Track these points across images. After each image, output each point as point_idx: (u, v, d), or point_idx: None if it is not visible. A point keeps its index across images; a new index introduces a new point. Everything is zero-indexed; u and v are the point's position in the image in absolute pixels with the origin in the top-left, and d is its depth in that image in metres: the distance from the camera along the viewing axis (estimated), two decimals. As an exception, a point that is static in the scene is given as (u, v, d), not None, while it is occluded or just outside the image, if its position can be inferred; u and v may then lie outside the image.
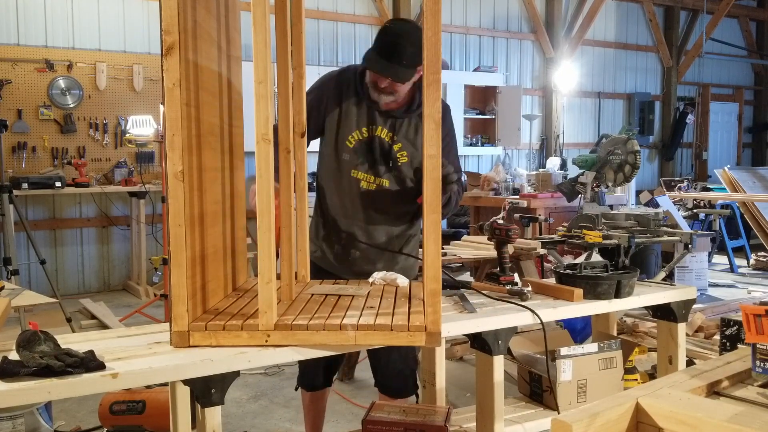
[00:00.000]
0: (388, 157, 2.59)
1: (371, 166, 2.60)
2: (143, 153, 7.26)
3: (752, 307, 1.51)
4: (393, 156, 2.59)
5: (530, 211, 6.42)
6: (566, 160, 8.40)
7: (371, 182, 2.61)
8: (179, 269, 1.76)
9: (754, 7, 12.98)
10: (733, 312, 4.82)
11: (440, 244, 1.86)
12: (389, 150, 2.59)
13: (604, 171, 4.70)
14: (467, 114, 9.50)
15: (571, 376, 2.50)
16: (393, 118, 2.57)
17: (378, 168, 2.59)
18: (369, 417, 2.23)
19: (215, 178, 2.07)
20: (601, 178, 4.72)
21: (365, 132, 2.59)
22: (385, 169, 2.60)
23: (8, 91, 6.64)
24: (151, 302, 6.13)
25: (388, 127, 2.58)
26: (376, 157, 2.59)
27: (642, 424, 1.39)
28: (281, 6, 2.24)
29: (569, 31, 10.47)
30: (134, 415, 2.92)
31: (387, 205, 2.63)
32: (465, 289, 2.44)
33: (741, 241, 8.40)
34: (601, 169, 4.70)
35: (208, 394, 1.74)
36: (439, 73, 1.80)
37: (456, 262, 4.87)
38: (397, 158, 2.59)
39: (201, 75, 1.94)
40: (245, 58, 2.29)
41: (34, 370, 1.61)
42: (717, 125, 12.71)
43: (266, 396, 4.00)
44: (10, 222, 4.87)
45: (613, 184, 4.77)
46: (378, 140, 2.58)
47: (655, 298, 2.54)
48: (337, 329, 1.85)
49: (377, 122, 2.58)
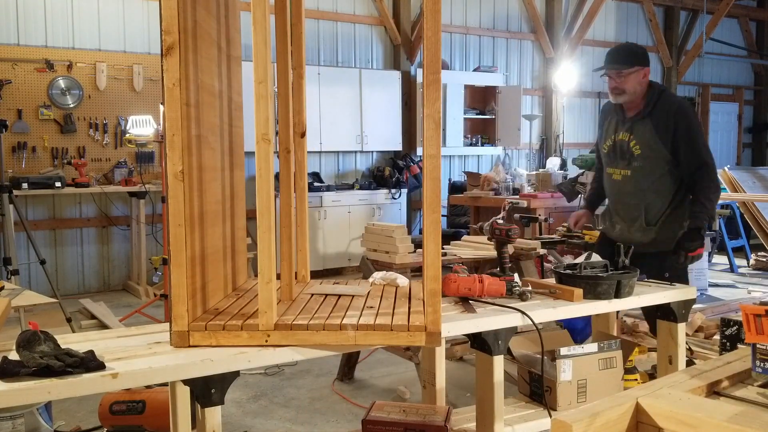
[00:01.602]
0: (627, 153, 3.31)
1: (617, 162, 3.38)
2: (143, 153, 7.26)
3: (752, 307, 1.51)
4: (629, 150, 3.30)
5: (530, 211, 6.42)
6: (566, 160, 8.40)
7: (618, 174, 3.38)
8: (179, 269, 1.76)
9: (754, 7, 12.97)
10: (733, 312, 4.82)
11: (440, 244, 1.86)
12: (628, 147, 3.31)
13: (604, 171, 4.69)
14: (467, 114, 9.50)
15: (571, 376, 2.50)
16: (629, 123, 3.31)
17: (620, 162, 3.35)
18: (369, 417, 2.23)
19: (215, 178, 2.07)
20: (601, 178, 4.71)
21: (612, 138, 3.38)
22: (626, 163, 3.32)
23: (8, 91, 6.63)
24: (151, 302, 6.13)
25: (625, 129, 3.33)
26: (617, 155, 3.37)
27: (642, 424, 1.39)
28: (281, 6, 2.24)
29: (569, 31, 10.47)
30: (134, 415, 2.91)
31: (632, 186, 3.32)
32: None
33: (741, 241, 8.40)
34: (601, 169, 4.69)
35: (208, 394, 1.74)
36: (439, 73, 1.80)
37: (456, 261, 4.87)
38: (633, 152, 3.29)
39: (201, 75, 1.94)
40: (245, 58, 2.29)
41: (34, 370, 1.61)
42: (717, 125, 12.71)
43: (266, 396, 4.00)
44: (10, 222, 4.87)
45: (613, 184, 4.76)
46: (620, 143, 3.34)
47: (655, 298, 2.54)
48: (337, 329, 1.85)
49: (619, 129, 3.36)
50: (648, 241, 3.26)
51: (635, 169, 3.32)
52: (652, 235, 3.30)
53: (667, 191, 3.31)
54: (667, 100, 3.29)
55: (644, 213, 3.32)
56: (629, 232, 3.37)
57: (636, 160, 3.31)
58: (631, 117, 3.33)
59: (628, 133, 3.33)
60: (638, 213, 3.33)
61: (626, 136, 3.33)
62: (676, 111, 3.24)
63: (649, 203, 3.32)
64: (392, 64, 9.10)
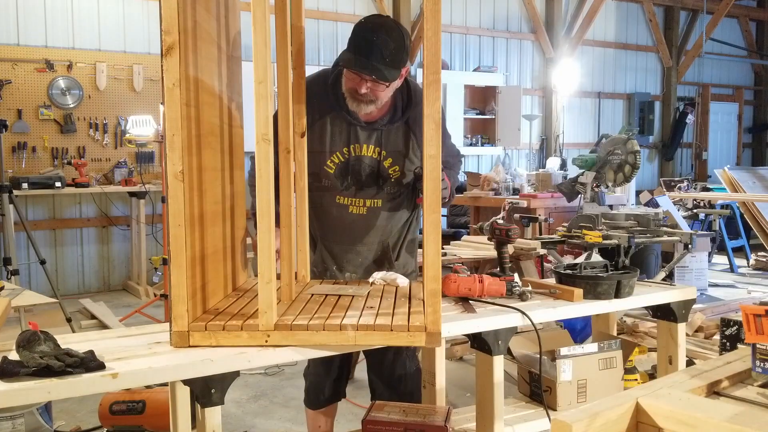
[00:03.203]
0: (378, 177, 2.34)
1: (359, 189, 2.36)
2: (143, 153, 7.26)
3: (752, 307, 1.51)
4: (383, 174, 2.34)
5: (530, 211, 6.42)
6: (566, 160, 8.39)
7: (361, 206, 2.38)
8: (179, 269, 1.76)
9: (754, 7, 12.97)
10: (733, 312, 4.82)
11: (440, 244, 1.86)
12: (378, 168, 2.33)
13: (604, 171, 4.70)
14: (467, 114, 9.50)
15: (571, 376, 2.51)
16: (378, 131, 2.30)
17: (367, 191, 2.36)
18: (369, 417, 2.23)
19: (215, 178, 2.07)
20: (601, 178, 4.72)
21: (346, 152, 2.33)
22: (376, 190, 2.36)
23: (8, 91, 6.63)
24: (151, 302, 6.13)
25: (373, 142, 2.31)
26: (363, 179, 2.34)
27: (642, 424, 1.39)
28: (281, 6, 2.24)
29: (569, 31, 10.47)
30: (134, 415, 2.92)
31: (382, 223, 2.43)
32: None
33: (741, 241, 8.40)
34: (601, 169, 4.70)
35: (208, 394, 1.74)
36: (439, 73, 1.80)
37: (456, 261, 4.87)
38: (388, 175, 2.34)
39: (201, 75, 1.94)
40: (245, 58, 2.29)
41: (34, 370, 1.61)
42: (717, 125, 12.71)
43: (266, 396, 4.00)
44: (10, 222, 4.87)
45: (613, 184, 4.77)
46: (364, 160, 2.32)
47: (655, 298, 2.54)
48: (337, 329, 1.85)
49: (360, 139, 2.31)
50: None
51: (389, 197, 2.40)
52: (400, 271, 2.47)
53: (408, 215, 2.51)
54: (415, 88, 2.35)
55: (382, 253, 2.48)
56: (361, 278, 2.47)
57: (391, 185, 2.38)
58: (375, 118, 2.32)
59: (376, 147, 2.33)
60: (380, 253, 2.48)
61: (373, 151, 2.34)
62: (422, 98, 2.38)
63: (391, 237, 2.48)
64: (392, 64, 9.08)
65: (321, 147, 2.32)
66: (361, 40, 2.14)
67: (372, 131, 2.33)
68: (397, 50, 2.13)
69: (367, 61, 2.13)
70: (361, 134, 2.33)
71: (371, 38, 2.12)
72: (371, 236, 2.45)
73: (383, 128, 2.33)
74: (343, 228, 2.44)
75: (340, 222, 2.43)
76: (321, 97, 2.32)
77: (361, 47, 2.14)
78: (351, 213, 2.40)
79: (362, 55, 2.13)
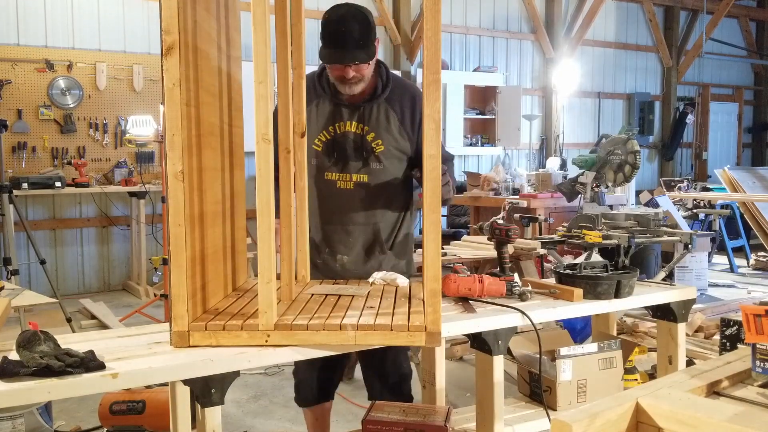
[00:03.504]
0: (362, 150, 2.47)
1: (345, 164, 2.49)
2: (143, 153, 7.26)
3: (752, 307, 1.51)
4: (367, 147, 2.47)
5: (530, 211, 6.42)
6: (566, 160, 8.39)
7: (348, 180, 2.50)
8: (179, 269, 1.76)
9: (754, 7, 12.97)
10: (733, 312, 4.82)
11: (440, 244, 1.86)
12: (362, 142, 2.47)
13: (604, 171, 4.70)
14: (467, 114, 9.50)
15: (571, 376, 2.50)
16: (359, 109, 2.47)
17: (352, 164, 2.49)
18: (369, 417, 2.23)
19: (215, 178, 2.07)
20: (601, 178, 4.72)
21: (331, 130, 2.49)
22: (362, 164, 2.49)
23: (8, 91, 6.63)
24: (151, 302, 6.13)
25: (356, 119, 2.47)
26: (348, 154, 2.48)
27: (642, 424, 1.39)
28: (281, 6, 2.24)
29: (569, 31, 10.47)
30: (134, 415, 2.92)
31: (369, 200, 2.51)
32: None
33: (741, 241, 8.40)
34: (601, 169, 4.70)
35: (208, 394, 1.74)
36: (438, 73, 1.80)
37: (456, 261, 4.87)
38: (372, 148, 2.48)
39: (201, 75, 1.94)
40: (245, 58, 2.29)
41: (34, 370, 1.61)
42: (717, 125, 12.71)
43: (266, 396, 4.00)
44: (10, 222, 4.87)
45: (613, 184, 4.77)
46: (349, 136, 2.47)
47: (655, 298, 2.54)
48: (337, 329, 1.85)
49: (344, 118, 2.48)
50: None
51: (374, 172, 2.51)
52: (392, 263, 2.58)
53: (401, 204, 2.59)
54: (397, 79, 2.56)
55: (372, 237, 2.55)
56: (356, 264, 2.56)
57: (376, 160, 2.51)
58: (357, 100, 2.48)
59: (359, 123, 2.49)
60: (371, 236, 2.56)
61: (356, 127, 2.49)
62: (414, 93, 2.53)
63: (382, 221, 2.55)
64: (392, 64, 9.09)
65: (309, 129, 2.46)
66: (333, 33, 2.33)
67: (354, 109, 2.49)
68: (365, 31, 2.32)
69: (345, 51, 2.32)
70: (344, 112, 2.50)
71: (341, 29, 2.31)
72: (360, 214, 2.53)
73: (364, 105, 2.49)
74: (333, 205, 2.53)
75: (330, 199, 2.53)
76: (309, 90, 2.48)
77: (335, 40, 2.33)
78: (339, 188, 2.51)
79: (338, 47, 2.33)
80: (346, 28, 2.29)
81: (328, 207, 2.54)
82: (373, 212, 2.54)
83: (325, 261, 2.59)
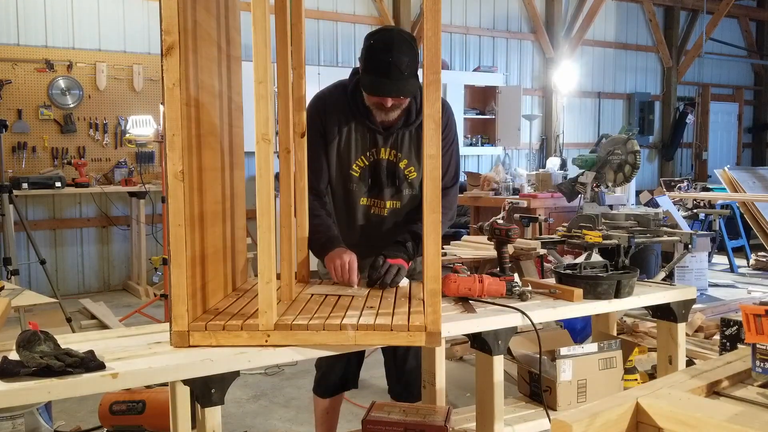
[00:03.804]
0: (395, 177, 2.46)
1: (380, 191, 2.49)
2: (143, 153, 7.26)
3: (752, 307, 1.51)
4: (400, 175, 2.46)
5: (530, 211, 6.42)
6: (566, 160, 8.39)
7: (382, 207, 2.50)
8: (179, 269, 1.76)
9: (754, 7, 12.98)
10: (733, 312, 4.82)
11: (440, 244, 1.86)
12: (395, 170, 2.46)
13: (604, 171, 4.71)
14: (467, 114, 9.50)
15: (571, 376, 2.50)
16: (393, 135, 2.43)
17: (386, 191, 2.48)
18: (369, 417, 2.23)
19: (215, 178, 2.07)
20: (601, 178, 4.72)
21: (368, 156, 2.46)
22: (395, 191, 2.48)
23: (8, 91, 6.63)
24: (151, 302, 6.13)
25: (390, 145, 2.44)
26: (382, 181, 2.47)
27: (642, 424, 1.39)
28: (281, 6, 2.24)
29: (569, 31, 10.47)
30: (134, 415, 2.91)
31: (402, 224, 2.50)
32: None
33: (741, 241, 8.40)
34: (601, 169, 4.70)
35: (208, 394, 1.74)
36: (439, 73, 1.80)
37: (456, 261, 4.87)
38: (405, 176, 2.47)
39: (201, 75, 1.94)
40: (245, 58, 2.29)
41: (34, 370, 1.61)
42: (717, 125, 12.71)
43: (266, 396, 4.00)
44: (10, 222, 4.87)
45: (613, 184, 4.78)
46: (382, 163, 2.45)
47: (655, 298, 2.54)
48: (336, 329, 1.85)
49: (379, 144, 2.44)
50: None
51: (407, 198, 2.51)
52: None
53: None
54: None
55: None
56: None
57: (408, 186, 2.50)
58: (392, 125, 2.42)
59: (392, 149, 2.45)
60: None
61: (390, 154, 2.46)
62: (446, 109, 2.44)
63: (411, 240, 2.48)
64: (392, 64, 9.08)
65: (347, 153, 2.45)
66: (378, 62, 2.22)
67: (388, 135, 2.44)
68: (411, 62, 2.23)
69: (389, 82, 2.22)
70: (378, 138, 2.45)
71: (387, 59, 2.20)
72: (390, 238, 2.48)
73: (398, 131, 2.44)
74: (364, 229, 2.53)
75: (362, 223, 2.53)
76: (341, 107, 2.43)
77: (379, 69, 2.22)
78: (373, 214, 2.52)
79: (382, 76, 2.22)
80: (393, 58, 2.19)
81: (358, 230, 2.54)
82: (403, 234, 2.48)
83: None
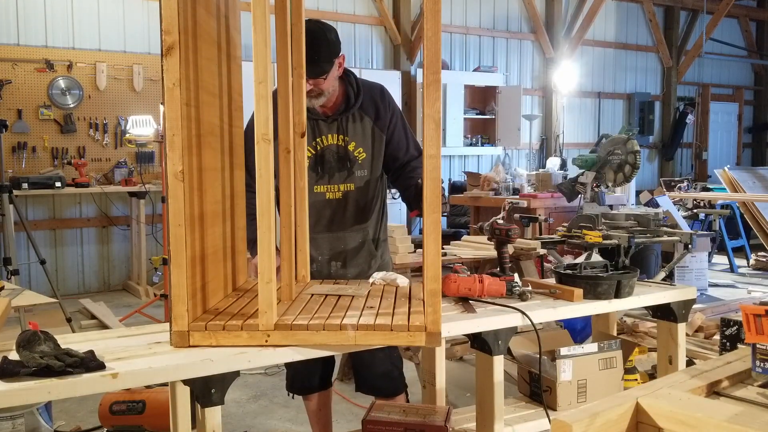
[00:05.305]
0: (346, 160, 2.59)
1: (331, 176, 2.60)
2: (143, 153, 7.26)
3: (752, 307, 1.51)
4: (351, 157, 2.59)
5: (530, 211, 6.43)
6: (566, 160, 8.40)
7: (336, 191, 2.61)
8: (179, 269, 1.76)
9: (754, 7, 12.98)
10: (733, 312, 4.82)
11: (440, 244, 1.86)
12: (345, 153, 2.59)
13: (604, 171, 4.70)
14: (467, 114, 9.50)
15: (571, 376, 2.50)
16: (337, 120, 2.57)
17: (339, 175, 2.60)
18: (369, 417, 2.23)
19: (215, 178, 2.07)
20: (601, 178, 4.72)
21: (315, 145, 2.58)
22: (347, 174, 2.60)
23: (8, 91, 6.64)
24: (151, 302, 6.13)
25: (335, 131, 2.58)
26: (333, 165, 2.59)
27: (642, 424, 1.39)
28: (281, 6, 2.24)
29: (569, 31, 10.47)
30: (134, 415, 2.91)
31: (356, 206, 2.64)
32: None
33: (741, 241, 8.40)
34: (601, 169, 4.70)
35: (208, 394, 1.74)
36: (439, 73, 1.80)
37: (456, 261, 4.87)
38: (355, 157, 2.60)
39: (201, 75, 1.94)
40: (245, 58, 2.29)
41: (34, 370, 1.61)
42: (717, 125, 12.71)
43: (266, 396, 4.00)
44: (10, 222, 4.87)
45: (613, 184, 4.77)
46: (332, 148, 2.58)
47: (655, 298, 2.54)
48: (337, 329, 1.85)
49: (323, 132, 2.58)
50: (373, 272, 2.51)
51: (360, 180, 2.63)
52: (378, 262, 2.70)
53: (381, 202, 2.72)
54: (365, 83, 2.64)
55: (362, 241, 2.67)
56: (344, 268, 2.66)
57: (360, 168, 2.62)
58: (333, 112, 2.58)
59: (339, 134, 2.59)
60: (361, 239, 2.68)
61: (338, 139, 2.59)
62: (381, 88, 2.65)
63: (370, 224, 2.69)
64: (392, 64, 9.10)
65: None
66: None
67: (332, 122, 2.59)
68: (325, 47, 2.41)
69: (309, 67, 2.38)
70: (323, 127, 2.59)
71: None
72: (348, 220, 2.64)
73: (341, 117, 2.58)
74: (323, 215, 2.63)
75: (320, 210, 2.62)
76: None
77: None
78: (328, 199, 2.62)
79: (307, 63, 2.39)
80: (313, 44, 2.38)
81: (319, 218, 2.63)
82: (362, 216, 2.66)
83: (318, 269, 2.66)
